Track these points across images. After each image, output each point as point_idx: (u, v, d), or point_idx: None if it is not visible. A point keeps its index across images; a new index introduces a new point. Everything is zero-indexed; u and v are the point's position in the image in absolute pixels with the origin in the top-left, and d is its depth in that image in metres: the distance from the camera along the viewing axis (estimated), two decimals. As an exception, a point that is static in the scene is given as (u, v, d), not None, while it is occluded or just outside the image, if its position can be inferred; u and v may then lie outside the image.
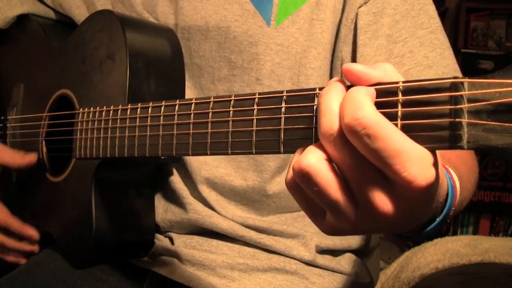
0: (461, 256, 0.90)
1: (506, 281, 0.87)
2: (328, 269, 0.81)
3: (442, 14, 3.00)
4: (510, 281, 0.86)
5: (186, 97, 0.79)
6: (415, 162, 0.37)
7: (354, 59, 0.75)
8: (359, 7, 0.74)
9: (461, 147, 0.36)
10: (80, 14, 0.91)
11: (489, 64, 2.79)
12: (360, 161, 0.39)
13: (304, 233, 0.80)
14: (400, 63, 0.72)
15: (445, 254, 0.92)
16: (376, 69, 0.40)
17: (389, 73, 0.41)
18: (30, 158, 0.87)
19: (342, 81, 0.42)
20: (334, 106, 0.40)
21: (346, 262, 0.83)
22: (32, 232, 0.89)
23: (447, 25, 2.99)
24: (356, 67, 0.40)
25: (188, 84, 0.80)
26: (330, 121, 0.39)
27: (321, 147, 0.41)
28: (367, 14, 0.73)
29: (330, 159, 0.41)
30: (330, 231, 0.44)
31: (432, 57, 0.72)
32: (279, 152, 0.46)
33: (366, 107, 0.37)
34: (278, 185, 0.79)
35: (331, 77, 0.78)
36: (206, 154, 0.52)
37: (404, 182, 0.38)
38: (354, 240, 0.84)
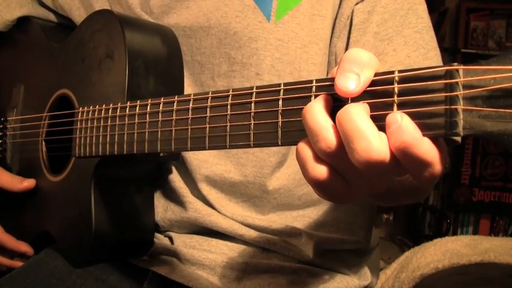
0: (461, 256, 0.89)
1: (506, 281, 0.87)
2: (328, 269, 0.81)
3: (442, 14, 3.00)
4: (510, 281, 0.86)
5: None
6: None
7: None
8: (356, 4, 0.75)
9: (457, 134, 0.36)
10: (79, 15, 0.91)
11: (489, 64, 2.80)
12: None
13: (304, 232, 0.80)
14: (382, 60, 0.73)
15: (445, 254, 0.92)
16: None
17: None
18: (29, 183, 0.88)
19: (324, 96, 0.43)
20: (324, 122, 0.41)
21: (346, 262, 0.83)
22: (26, 248, 0.90)
23: (447, 25, 2.99)
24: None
25: (188, 82, 0.81)
26: (326, 139, 0.41)
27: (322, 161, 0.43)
28: (362, 12, 0.75)
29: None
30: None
31: (414, 57, 0.73)
32: (277, 144, 0.46)
33: (372, 140, 0.38)
34: (278, 180, 0.79)
35: (327, 72, 0.79)
36: (204, 148, 0.52)
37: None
38: (353, 240, 0.84)
